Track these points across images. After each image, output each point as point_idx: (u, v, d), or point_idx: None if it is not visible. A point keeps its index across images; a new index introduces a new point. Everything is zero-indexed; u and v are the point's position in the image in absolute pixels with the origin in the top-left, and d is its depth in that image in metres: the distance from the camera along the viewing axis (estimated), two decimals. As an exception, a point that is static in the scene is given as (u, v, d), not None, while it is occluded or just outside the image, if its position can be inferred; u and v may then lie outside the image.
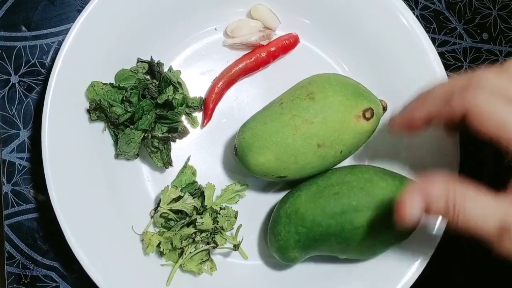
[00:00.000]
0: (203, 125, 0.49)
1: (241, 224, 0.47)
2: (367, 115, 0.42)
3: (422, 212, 0.34)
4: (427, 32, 0.49)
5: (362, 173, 0.42)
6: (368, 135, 0.44)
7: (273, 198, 0.49)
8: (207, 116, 0.49)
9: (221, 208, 0.47)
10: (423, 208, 0.34)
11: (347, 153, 0.43)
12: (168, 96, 0.45)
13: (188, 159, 0.49)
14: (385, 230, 0.40)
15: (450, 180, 0.34)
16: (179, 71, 0.49)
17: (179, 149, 0.49)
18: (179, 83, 0.47)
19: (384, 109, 0.44)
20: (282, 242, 0.43)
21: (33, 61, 0.50)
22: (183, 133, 0.47)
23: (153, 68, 0.48)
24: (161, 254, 0.46)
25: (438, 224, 0.46)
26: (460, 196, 0.34)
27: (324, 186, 0.42)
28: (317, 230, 0.41)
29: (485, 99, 0.34)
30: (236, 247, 0.46)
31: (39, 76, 0.50)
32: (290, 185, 0.48)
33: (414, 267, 0.46)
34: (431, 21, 0.55)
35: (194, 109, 0.49)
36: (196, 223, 0.45)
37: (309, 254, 0.44)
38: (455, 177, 0.35)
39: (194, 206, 0.46)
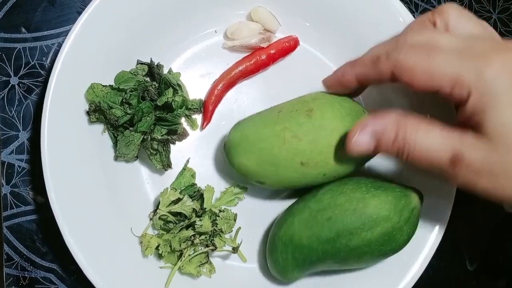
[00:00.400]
0: (202, 127, 0.49)
1: (240, 227, 0.47)
2: None
3: (372, 143, 0.36)
4: (427, 35, 0.49)
5: (353, 192, 0.41)
6: (357, 164, 0.42)
7: (272, 201, 0.49)
8: (206, 118, 0.49)
9: (220, 211, 0.47)
10: (374, 141, 0.36)
11: (331, 177, 0.42)
12: (167, 98, 0.45)
13: (188, 161, 0.49)
14: (381, 246, 0.40)
15: (401, 114, 0.36)
16: (179, 73, 0.49)
17: (178, 151, 0.49)
18: (178, 85, 0.47)
19: None
20: (281, 267, 0.44)
21: (32, 63, 0.50)
22: (183, 135, 0.47)
23: (152, 70, 0.48)
24: (160, 256, 0.46)
25: (438, 225, 0.46)
26: (411, 128, 0.35)
27: (316, 210, 0.42)
28: (314, 255, 0.41)
29: (407, 55, 0.34)
30: (235, 249, 0.46)
31: (39, 78, 0.50)
32: (290, 191, 0.48)
33: (415, 268, 0.46)
34: (431, 24, 0.55)
35: (194, 111, 0.49)
36: (195, 225, 0.45)
37: (309, 272, 0.44)
38: (404, 112, 0.36)
39: (193, 208, 0.46)
